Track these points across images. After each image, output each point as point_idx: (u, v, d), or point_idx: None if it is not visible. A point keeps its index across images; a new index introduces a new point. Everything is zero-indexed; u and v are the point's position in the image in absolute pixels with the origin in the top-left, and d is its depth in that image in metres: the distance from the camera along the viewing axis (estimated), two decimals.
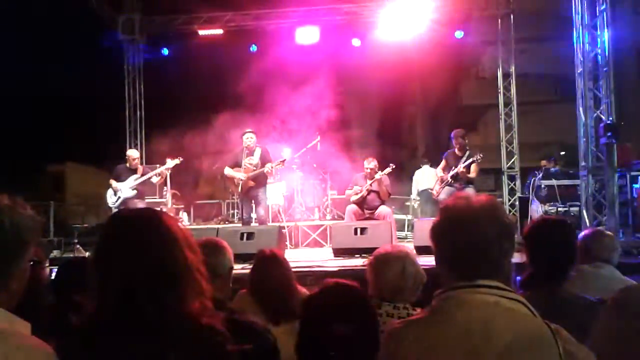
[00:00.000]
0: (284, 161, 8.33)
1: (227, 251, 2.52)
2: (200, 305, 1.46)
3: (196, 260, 1.52)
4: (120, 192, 8.45)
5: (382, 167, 8.25)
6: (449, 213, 1.62)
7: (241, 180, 8.03)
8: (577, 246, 2.57)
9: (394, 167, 8.25)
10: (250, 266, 3.50)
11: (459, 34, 11.75)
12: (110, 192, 8.60)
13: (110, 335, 1.39)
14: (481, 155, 8.05)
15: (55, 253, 8.71)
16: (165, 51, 12.50)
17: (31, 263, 1.57)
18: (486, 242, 1.55)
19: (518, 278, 3.05)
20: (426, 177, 10.79)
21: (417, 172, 11.36)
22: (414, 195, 11.30)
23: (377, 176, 8.14)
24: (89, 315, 1.46)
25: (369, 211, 8.24)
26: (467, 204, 1.60)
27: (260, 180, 8.13)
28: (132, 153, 8.86)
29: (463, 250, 1.56)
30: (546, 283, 2.36)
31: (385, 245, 2.72)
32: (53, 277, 2.99)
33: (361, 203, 8.29)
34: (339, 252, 7.39)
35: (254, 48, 12.29)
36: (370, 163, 8.30)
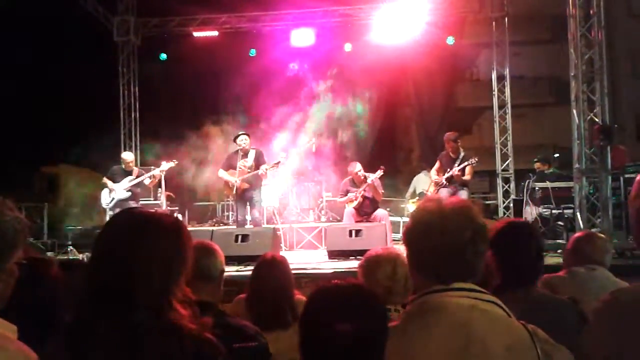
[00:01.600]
0: (278, 163, 8.32)
1: (218, 254, 2.50)
2: (184, 314, 1.44)
3: (182, 270, 1.50)
4: (115, 193, 8.46)
5: (373, 170, 8.25)
6: (420, 217, 1.59)
7: (235, 183, 8.02)
8: (542, 250, 2.54)
9: (383, 169, 8.24)
10: (245, 268, 3.51)
11: (450, 40, 11.78)
12: (104, 192, 8.61)
13: (89, 341, 1.38)
14: (476, 159, 8.06)
15: (49, 255, 8.67)
16: (163, 56, 12.46)
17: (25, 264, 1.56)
18: (460, 244, 1.52)
19: None
20: (423, 183, 10.80)
21: (416, 178, 11.33)
22: (408, 195, 11.31)
23: (368, 181, 8.12)
24: (72, 319, 1.45)
25: (366, 217, 8.25)
26: (438, 207, 1.57)
27: (254, 182, 8.12)
28: (127, 156, 8.91)
29: (437, 253, 1.53)
30: (518, 287, 2.32)
31: (376, 247, 2.72)
32: None
33: (358, 208, 8.30)
34: (333, 254, 7.39)
35: (252, 53, 12.26)
36: (355, 167, 8.30)
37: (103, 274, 1.43)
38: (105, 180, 8.60)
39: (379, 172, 8.15)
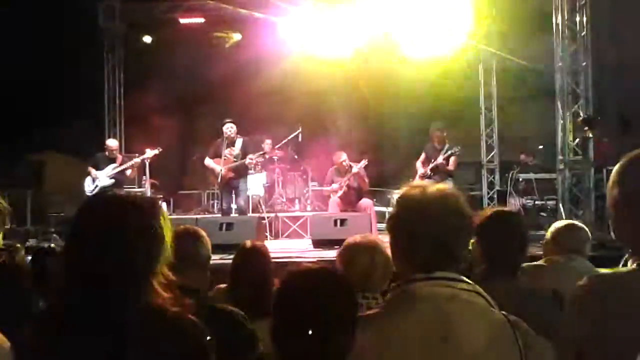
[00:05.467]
0: (265, 153, 8.31)
1: (205, 240, 2.49)
2: (165, 296, 1.43)
3: (162, 251, 1.47)
4: (98, 180, 8.40)
5: (360, 159, 8.27)
6: (405, 203, 1.57)
7: (221, 171, 8.00)
8: (527, 236, 2.55)
9: (367, 158, 8.26)
10: (229, 256, 3.48)
11: None
12: (88, 179, 8.55)
13: (68, 328, 1.36)
14: (459, 148, 8.08)
15: (31, 242, 8.61)
16: (148, 39, 12.33)
17: (3, 250, 1.54)
18: (444, 232, 1.50)
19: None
20: None
21: None
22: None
23: (353, 170, 8.15)
24: (51, 305, 1.43)
25: (351, 206, 8.26)
26: (422, 194, 1.55)
27: (240, 171, 8.11)
28: (111, 143, 8.89)
29: (420, 241, 1.51)
30: (502, 276, 2.33)
31: (355, 236, 2.73)
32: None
33: (343, 198, 8.31)
34: (318, 244, 7.39)
35: (238, 37, 12.20)
36: (340, 157, 8.32)
37: (80, 258, 1.40)
38: (89, 169, 8.53)
39: (363, 162, 8.18)
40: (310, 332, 1.37)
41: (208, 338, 1.45)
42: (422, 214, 1.52)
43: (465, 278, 1.53)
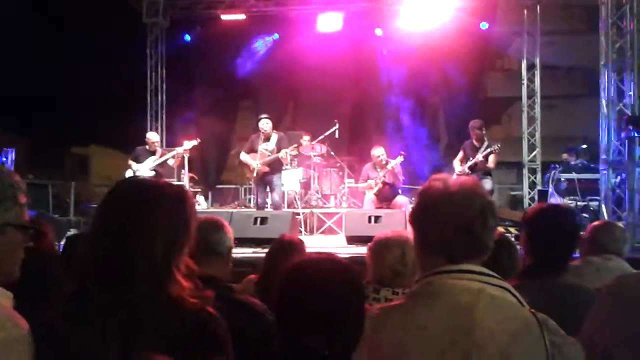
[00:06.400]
0: (298, 147, 8.32)
1: (227, 230, 2.49)
2: (186, 286, 1.41)
3: (185, 240, 1.46)
4: (139, 172, 8.56)
5: (395, 156, 8.21)
6: (426, 195, 1.56)
7: (256, 166, 8.06)
8: (578, 234, 2.47)
9: (403, 154, 8.19)
10: (262, 250, 3.52)
11: (483, 25, 11.59)
12: (129, 172, 8.72)
13: (88, 313, 1.35)
14: (499, 145, 7.92)
15: (72, 232, 8.84)
16: (188, 37, 12.53)
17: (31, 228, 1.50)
18: (468, 219, 1.48)
19: None
20: None
21: None
22: None
23: (388, 166, 8.09)
24: (71, 289, 1.43)
25: (386, 203, 8.20)
26: (444, 185, 1.54)
27: (275, 166, 8.15)
28: (152, 136, 9.01)
29: (444, 230, 1.49)
30: (545, 272, 2.28)
31: (386, 231, 2.69)
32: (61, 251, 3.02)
33: (378, 194, 8.26)
34: (352, 240, 7.35)
35: (276, 36, 12.31)
36: (378, 151, 8.26)
37: (104, 244, 1.40)
38: (129, 162, 8.71)
39: (399, 158, 8.11)
40: (312, 324, 1.35)
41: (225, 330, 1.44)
42: (445, 203, 1.50)
43: (492, 272, 1.49)
